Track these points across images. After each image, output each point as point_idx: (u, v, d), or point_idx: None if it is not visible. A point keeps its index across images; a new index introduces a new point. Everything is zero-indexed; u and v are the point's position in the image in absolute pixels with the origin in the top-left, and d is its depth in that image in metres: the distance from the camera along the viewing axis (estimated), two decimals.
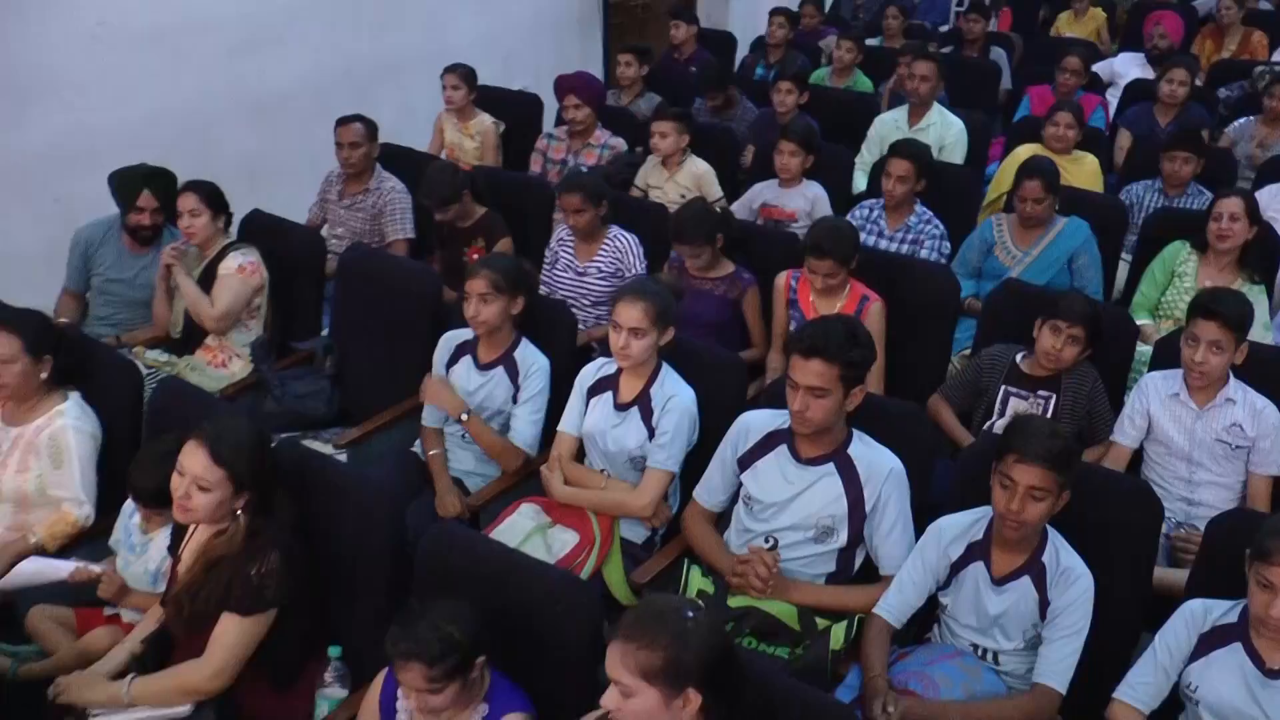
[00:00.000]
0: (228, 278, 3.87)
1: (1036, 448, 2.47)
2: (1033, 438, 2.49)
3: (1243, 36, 7.23)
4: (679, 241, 3.93)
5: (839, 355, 2.70)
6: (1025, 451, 2.47)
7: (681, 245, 3.93)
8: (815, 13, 7.70)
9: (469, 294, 3.29)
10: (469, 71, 5.52)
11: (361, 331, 3.92)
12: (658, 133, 5.00)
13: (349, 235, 4.74)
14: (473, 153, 5.56)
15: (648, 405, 3.16)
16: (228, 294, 3.86)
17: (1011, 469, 2.49)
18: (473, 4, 6.63)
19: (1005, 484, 2.51)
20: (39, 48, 4.63)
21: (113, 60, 4.89)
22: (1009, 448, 2.51)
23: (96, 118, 4.84)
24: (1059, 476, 2.48)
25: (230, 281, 3.87)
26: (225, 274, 3.87)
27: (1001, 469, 2.52)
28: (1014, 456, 2.49)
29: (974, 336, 3.91)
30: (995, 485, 2.55)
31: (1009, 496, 2.49)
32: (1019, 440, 2.50)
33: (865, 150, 5.59)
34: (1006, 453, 2.51)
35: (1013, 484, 2.49)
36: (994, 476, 2.56)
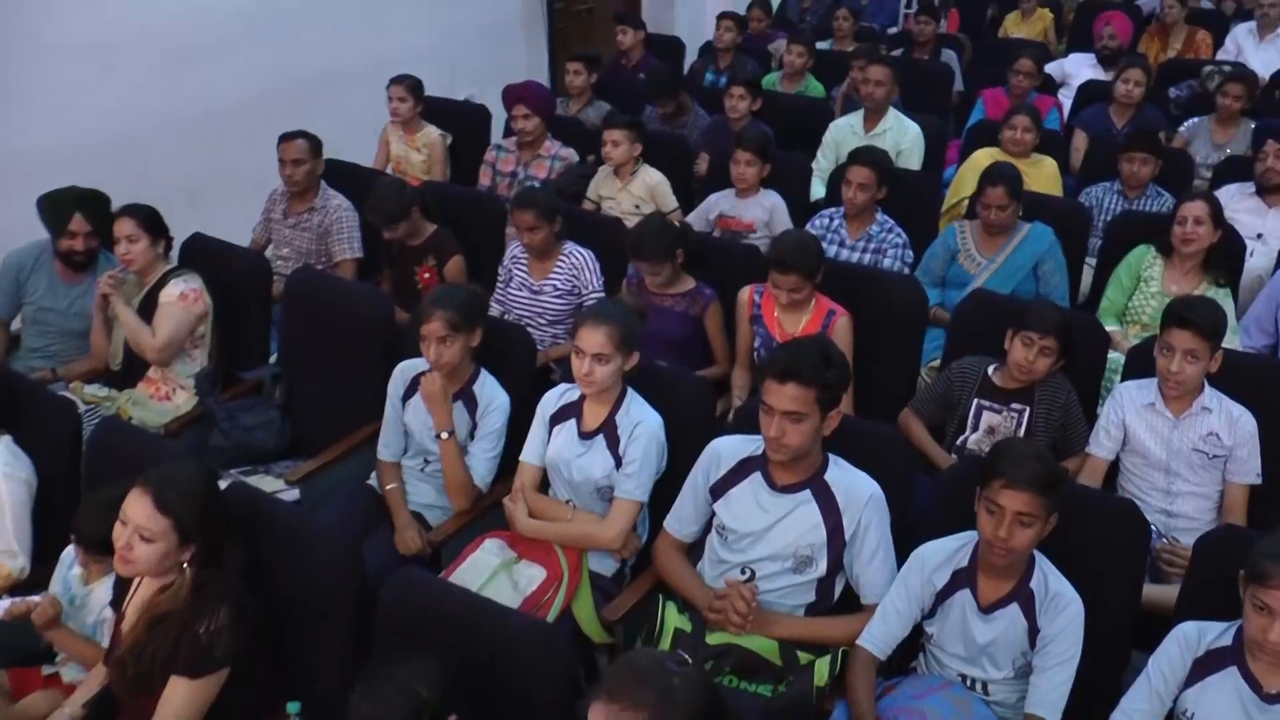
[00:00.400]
0: (169, 306, 3.69)
1: (1023, 472, 2.38)
2: (1018, 462, 2.40)
3: (1187, 35, 7.27)
4: (637, 258, 3.82)
5: (815, 378, 2.61)
6: (1011, 477, 2.39)
7: (640, 262, 3.82)
8: (763, 16, 7.62)
9: (425, 337, 3.14)
10: (415, 83, 5.36)
11: (311, 359, 3.76)
12: (609, 141, 4.88)
13: (295, 255, 4.57)
14: (419, 166, 5.41)
15: (613, 433, 3.04)
16: (170, 323, 3.68)
17: (998, 495, 2.40)
18: (416, 12, 6.46)
19: (992, 510, 2.42)
20: None
21: (42, 75, 4.68)
22: (994, 473, 2.42)
23: (24, 136, 4.61)
24: (1046, 501, 2.41)
25: (172, 310, 3.69)
26: (166, 302, 3.69)
27: (987, 495, 2.44)
28: (1000, 482, 2.40)
29: (943, 348, 3.82)
30: (981, 511, 2.47)
31: (996, 523, 2.41)
32: (1004, 465, 2.41)
33: (821, 157, 5.51)
34: (992, 478, 2.43)
35: (1000, 510, 2.40)
36: (979, 502, 2.48)
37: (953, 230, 4.37)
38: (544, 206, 3.97)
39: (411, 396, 3.32)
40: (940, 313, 4.13)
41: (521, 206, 3.98)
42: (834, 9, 8.75)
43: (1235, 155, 5.24)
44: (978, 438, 3.47)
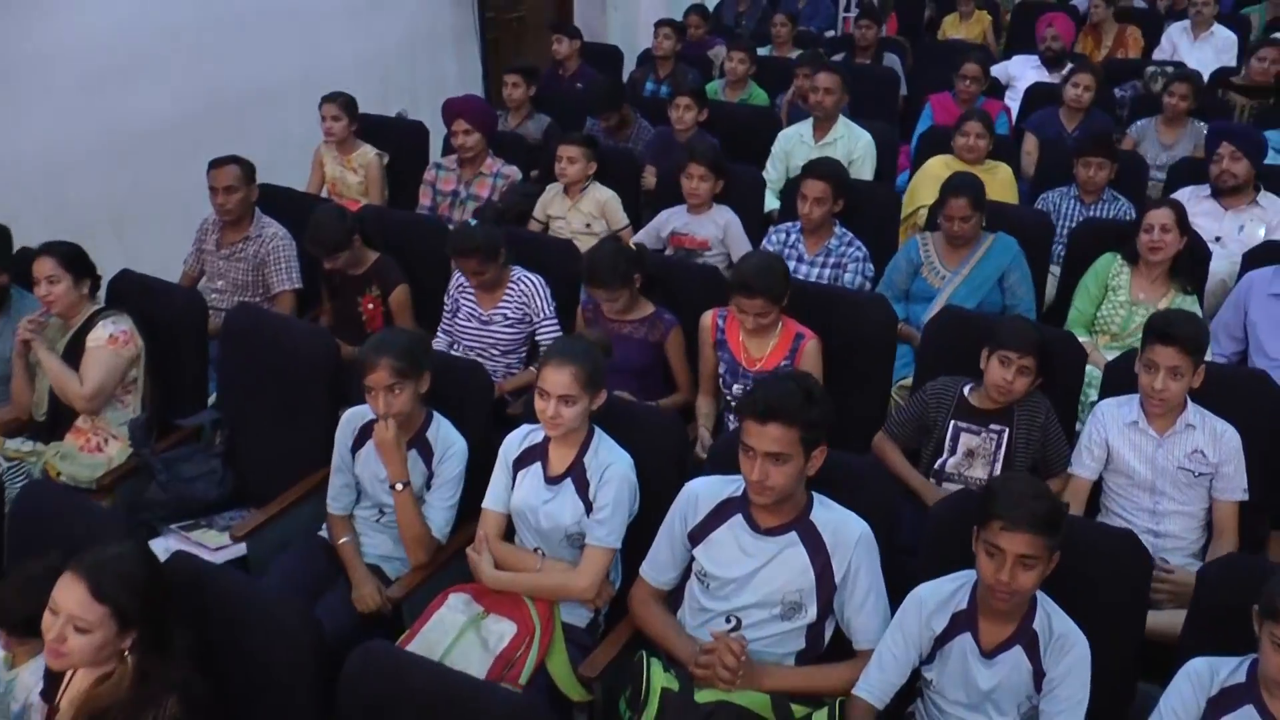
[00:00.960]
0: (97, 350, 3.44)
1: (1023, 513, 2.27)
2: (1019, 503, 2.29)
3: (1118, 33, 7.27)
4: (593, 285, 3.65)
5: (798, 417, 2.47)
6: (1012, 519, 2.27)
7: (596, 289, 3.65)
8: (701, 22, 7.47)
9: (372, 387, 2.94)
10: (349, 100, 5.14)
11: (253, 402, 3.53)
12: (565, 158, 4.71)
13: (230, 288, 4.33)
14: (356, 188, 5.19)
15: (582, 477, 2.88)
16: (99, 369, 3.44)
17: (998, 537, 2.28)
18: (345, 25, 6.23)
19: (992, 553, 2.30)
20: None
21: None
22: (993, 514, 2.30)
23: None
24: (1049, 541, 2.29)
25: (100, 355, 3.44)
26: (94, 346, 3.45)
27: (986, 537, 2.32)
28: (1000, 524, 2.28)
29: (914, 368, 3.71)
30: (980, 553, 2.34)
31: (997, 567, 2.29)
32: (1003, 506, 2.29)
33: (770, 168, 5.38)
34: (990, 519, 2.31)
35: (1001, 553, 2.28)
36: (977, 543, 2.36)
37: (915, 243, 4.26)
38: (485, 247, 3.74)
39: (361, 446, 3.12)
40: (908, 330, 4.02)
41: (461, 253, 3.76)
42: (770, 13, 8.70)
43: (1187, 157, 5.21)
44: (956, 461, 3.36)
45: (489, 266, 3.78)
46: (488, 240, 3.74)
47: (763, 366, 3.53)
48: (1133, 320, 3.94)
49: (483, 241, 3.72)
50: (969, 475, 3.35)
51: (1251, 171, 4.54)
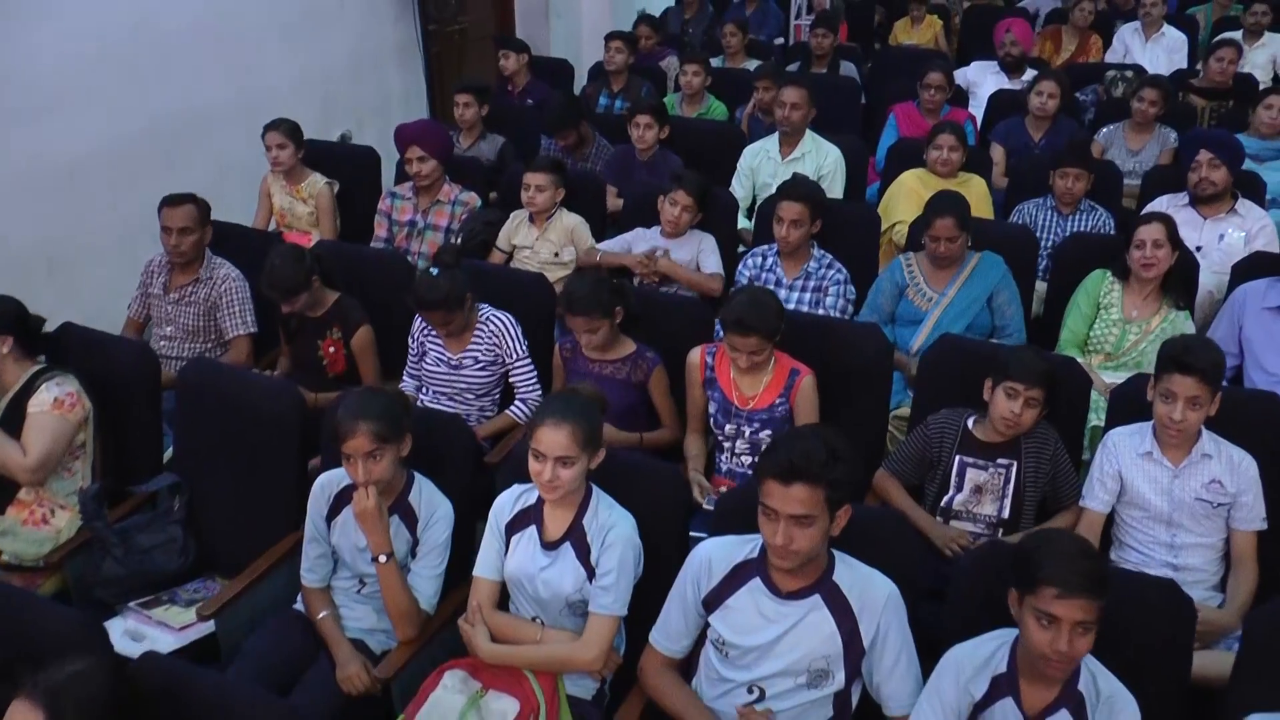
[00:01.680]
0: (40, 417, 3.17)
1: (1078, 579, 2.13)
2: (1071, 568, 2.15)
3: (1080, 38, 7.24)
4: (573, 315, 3.45)
5: (823, 476, 2.31)
6: (1067, 585, 2.13)
7: (577, 318, 3.45)
8: (651, 33, 7.29)
9: (350, 455, 2.72)
10: (293, 127, 4.88)
11: (213, 463, 3.28)
12: (532, 186, 4.49)
13: (180, 334, 4.06)
14: (307, 219, 4.93)
15: (582, 541, 2.68)
16: (44, 437, 3.16)
17: (1052, 605, 2.13)
18: (283, 45, 5.94)
19: (1046, 623, 2.15)
20: None
21: None
22: (1043, 579, 2.15)
23: None
24: (1102, 601, 2.15)
25: (44, 421, 3.17)
26: (37, 412, 3.17)
27: (1037, 605, 2.16)
28: (1053, 591, 2.13)
29: (910, 398, 3.57)
30: (1030, 621, 2.19)
31: (1054, 636, 2.14)
32: (1055, 571, 2.15)
33: (737, 185, 5.23)
34: (1041, 585, 2.15)
35: (1057, 621, 2.13)
36: (1023, 609, 2.21)
37: (898, 264, 4.13)
38: (451, 300, 3.51)
39: (337, 514, 2.90)
40: (900, 358, 3.88)
41: (427, 309, 3.55)
42: (716, 21, 8.55)
43: (1161, 165, 5.14)
44: (964, 498, 3.22)
45: (456, 316, 3.57)
46: (453, 290, 3.50)
47: (756, 405, 3.37)
48: (1126, 339, 3.85)
49: (448, 293, 3.49)
50: (977, 512, 3.22)
51: (1230, 179, 4.48)
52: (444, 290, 3.48)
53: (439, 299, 3.49)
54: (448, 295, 3.49)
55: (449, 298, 3.50)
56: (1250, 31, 7.03)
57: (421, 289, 3.50)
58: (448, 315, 3.54)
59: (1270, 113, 5.18)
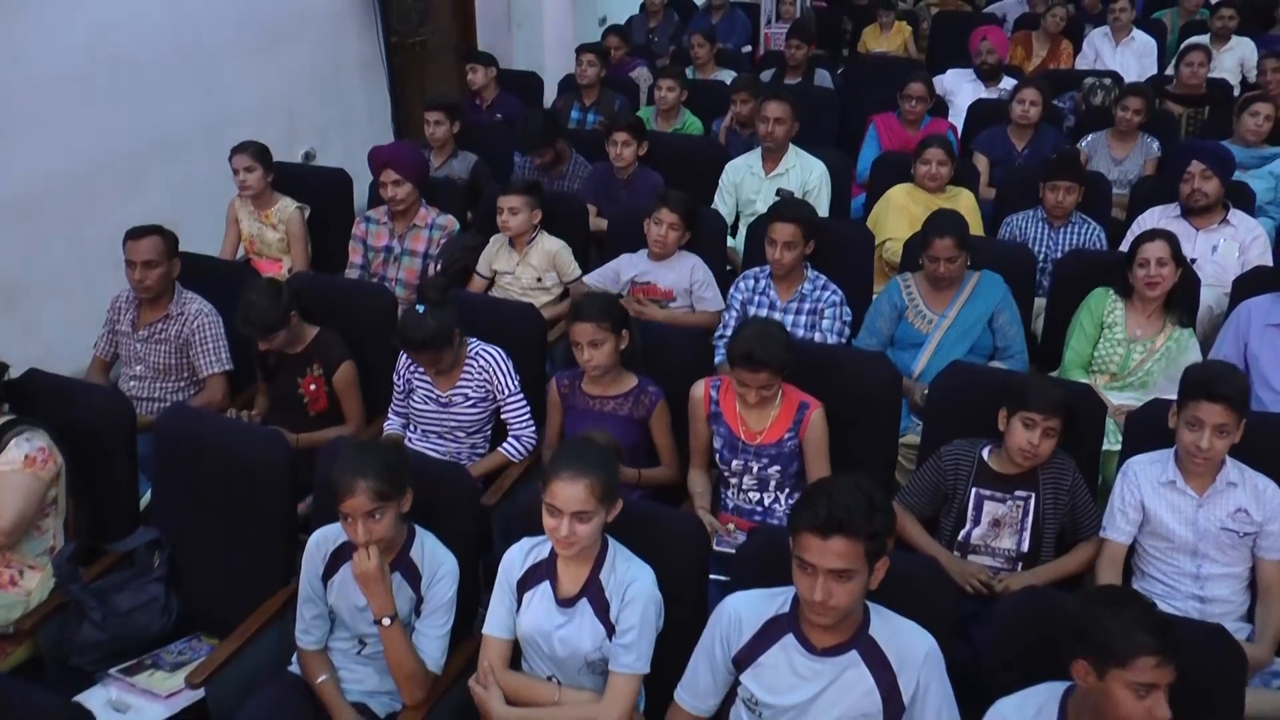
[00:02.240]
0: (11, 476, 2.96)
1: (1156, 640, 2.08)
2: (1146, 630, 2.09)
3: (1051, 43, 7.21)
4: (581, 320, 3.29)
5: (864, 529, 2.20)
6: (1162, 650, 2.08)
7: (585, 323, 3.28)
8: (621, 44, 7.15)
9: (349, 515, 2.56)
10: (261, 149, 4.68)
11: (196, 516, 3.09)
12: (506, 209, 4.34)
13: (150, 373, 3.86)
14: (277, 245, 4.74)
15: (600, 596, 2.55)
16: (16, 497, 2.96)
17: (1152, 675, 2.07)
18: (244, 63, 5.72)
19: (1141, 693, 2.08)
20: None
21: None
22: (1126, 651, 2.08)
23: None
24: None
25: (16, 481, 2.96)
26: (8, 470, 2.96)
27: (1136, 679, 2.07)
28: (1153, 661, 2.07)
29: (920, 427, 3.46)
30: (1122, 693, 2.09)
31: (1154, 704, 2.08)
32: (1140, 641, 2.08)
33: (720, 202, 5.11)
34: (1138, 657, 2.07)
35: (1148, 691, 2.07)
36: (1112, 682, 2.10)
37: (896, 285, 4.02)
38: (439, 339, 3.35)
39: (334, 573, 2.73)
40: (906, 383, 3.77)
41: (415, 349, 3.38)
42: (681, 29, 8.45)
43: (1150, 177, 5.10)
44: (982, 532, 3.12)
45: (445, 354, 3.41)
46: (441, 329, 3.34)
47: (764, 440, 3.25)
48: (1131, 358, 3.77)
49: (436, 331, 3.32)
50: (996, 546, 3.12)
51: (1222, 189, 4.44)
52: (431, 329, 3.32)
53: (427, 338, 3.32)
54: (436, 334, 3.33)
55: (437, 336, 3.34)
56: (1218, 35, 7.04)
57: (408, 328, 3.33)
58: (436, 355, 3.38)
59: (1256, 120, 5.16)
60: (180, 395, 3.88)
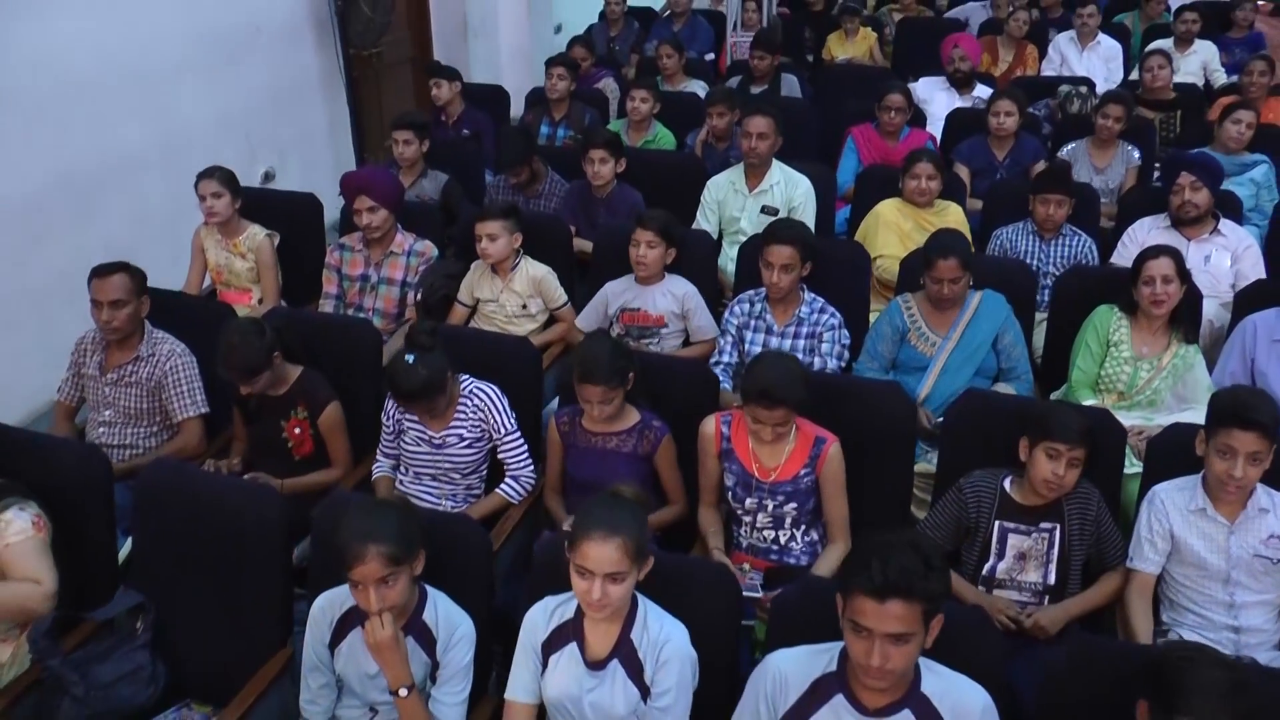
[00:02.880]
0: (27, 543, 2.80)
1: (1220, 707, 1.96)
2: (1216, 695, 1.98)
3: (1017, 48, 7.18)
4: (589, 382, 3.14)
5: (921, 590, 2.08)
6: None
7: (592, 387, 3.14)
8: (587, 54, 6.98)
9: (359, 582, 2.40)
10: (228, 175, 4.46)
11: (183, 577, 2.89)
12: (484, 235, 4.17)
13: (120, 418, 3.64)
14: (246, 275, 4.53)
15: (633, 657, 2.41)
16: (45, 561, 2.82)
17: None
18: (200, 81, 5.49)
19: None
20: None
21: None
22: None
23: None
24: None
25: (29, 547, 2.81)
26: (22, 540, 2.80)
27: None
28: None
29: (938, 459, 3.35)
30: None
31: None
32: (1202, 703, 1.98)
33: (702, 220, 4.97)
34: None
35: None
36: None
37: (897, 307, 3.92)
38: (431, 388, 3.18)
39: (342, 639, 2.56)
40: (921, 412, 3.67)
41: (407, 400, 3.21)
42: (643, 38, 8.31)
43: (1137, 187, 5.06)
44: (1007, 566, 3.03)
45: (439, 402, 3.25)
46: (433, 377, 3.16)
47: (779, 477, 3.12)
48: (1139, 377, 3.70)
49: (427, 381, 3.15)
50: (1022, 580, 3.03)
51: (1212, 200, 4.39)
52: (423, 379, 3.14)
53: (418, 389, 3.15)
54: (428, 383, 3.15)
55: (429, 385, 3.16)
56: (1181, 39, 7.06)
57: (399, 379, 3.15)
58: (430, 404, 3.22)
59: (1239, 127, 5.13)
60: (153, 441, 3.67)
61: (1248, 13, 7.79)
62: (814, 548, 3.17)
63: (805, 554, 3.17)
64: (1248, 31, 7.79)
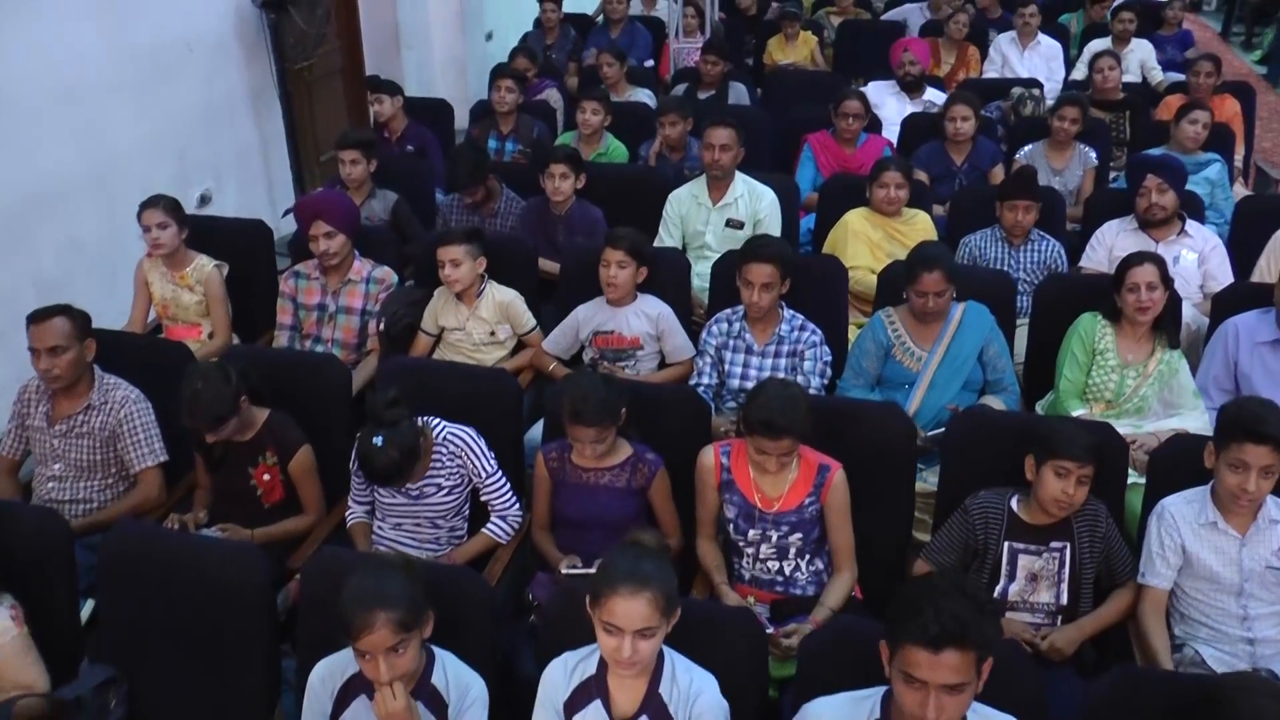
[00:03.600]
0: (13, 642, 2.63)
1: None
2: None
3: (959, 50, 7.18)
4: (583, 425, 3.01)
5: (976, 638, 1.99)
6: None
7: (585, 429, 3.02)
8: (530, 64, 6.81)
9: (369, 652, 2.24)
10: (174, 203, 4.21)
11: (158, 648, 2.70)
12: (447, 261, 4.00)
13: (71, 471, 3.40)
14: (195, 309, 4.29)
15: (664, 713, 2.29)
16: (30, 658, 2.66)
17: None
18: (131, 102, 5.22)
19: None
20: None
21: None
22: None
23: None
24: None
25: (21, 644, 2.65)
26: (7, 639, 2.61)
27: None
28: None
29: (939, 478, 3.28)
30: None
31: None
32: None
33: (664, 235, 4.85)
34: None
35: None
36: None
37: (880, 322, 3.84)
38: (407, 464, 3.00)
39: (345, 708, 2.39)
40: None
41: (384, 482, 3.05)
42: (580, 46, 8.17)
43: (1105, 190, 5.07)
44: (1019, 588, 2.95)
45: (417, 472, 3.11)
46: (405, 455, 2.97)
47: (783, 507, 3.01)
48: (1126, 384, 3.67)
49: (400, 461, 2.96)
50: (1034, 601, 2.95)
51: (1178, 201, 4.40)
52: (395, 460, 2.95)
53: (393, 471, 2.97)
54: (401, 463, 2.97)
55: (404, 463, 2.99)
56: (1119, 38, 7.12)
57: (370, 463, 2.95)
58: (406, 479, 3.07)
59: (1195, 128, 5.16)
60: (108, 494, 3.44)
61: (1177, 10, 7.92)
62: (819, 577, 3.07)
63: (811, 584, 3.06)
64: (1177, 29, 7.91)
